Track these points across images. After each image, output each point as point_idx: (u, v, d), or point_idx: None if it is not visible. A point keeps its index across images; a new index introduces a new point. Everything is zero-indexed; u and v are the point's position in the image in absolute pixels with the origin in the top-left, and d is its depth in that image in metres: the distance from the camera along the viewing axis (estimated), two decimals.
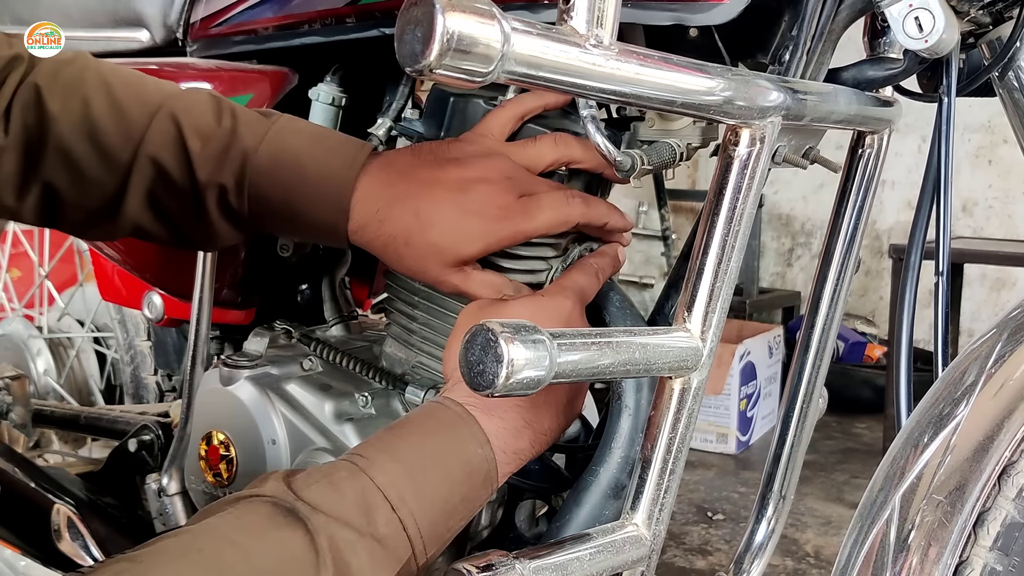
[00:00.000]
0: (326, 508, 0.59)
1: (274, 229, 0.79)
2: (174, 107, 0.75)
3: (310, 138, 0.76)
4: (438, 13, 0.45)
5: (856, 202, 0.84)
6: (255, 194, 0.74)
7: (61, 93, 0.74)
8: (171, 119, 0.74)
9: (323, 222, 0.73)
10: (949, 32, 0.69)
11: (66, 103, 0.74)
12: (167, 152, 0.74)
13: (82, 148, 0.74)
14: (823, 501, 2.45)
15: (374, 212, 0.72)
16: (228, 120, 0.75)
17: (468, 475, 0.66)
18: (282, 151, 0.74)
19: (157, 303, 1.09)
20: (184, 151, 0.74)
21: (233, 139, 0.74)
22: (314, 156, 0.74)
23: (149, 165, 0.74)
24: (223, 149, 0.74)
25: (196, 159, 0.74)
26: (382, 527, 0.60)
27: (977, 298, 3.59)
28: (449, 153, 0.74)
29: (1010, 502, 0.64)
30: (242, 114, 0.76)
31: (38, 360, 1.81)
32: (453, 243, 0.71)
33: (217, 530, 0.56)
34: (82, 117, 0.74)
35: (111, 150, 0.74)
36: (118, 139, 0.74)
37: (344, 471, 0.62)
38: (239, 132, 0.74)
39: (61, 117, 0.73)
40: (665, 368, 0.63)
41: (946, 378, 0.68)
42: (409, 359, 0.90)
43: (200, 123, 0.74)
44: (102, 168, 0.74)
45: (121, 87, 0.76)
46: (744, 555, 0.90)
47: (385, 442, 0.66)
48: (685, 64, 0.58)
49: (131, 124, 0.74)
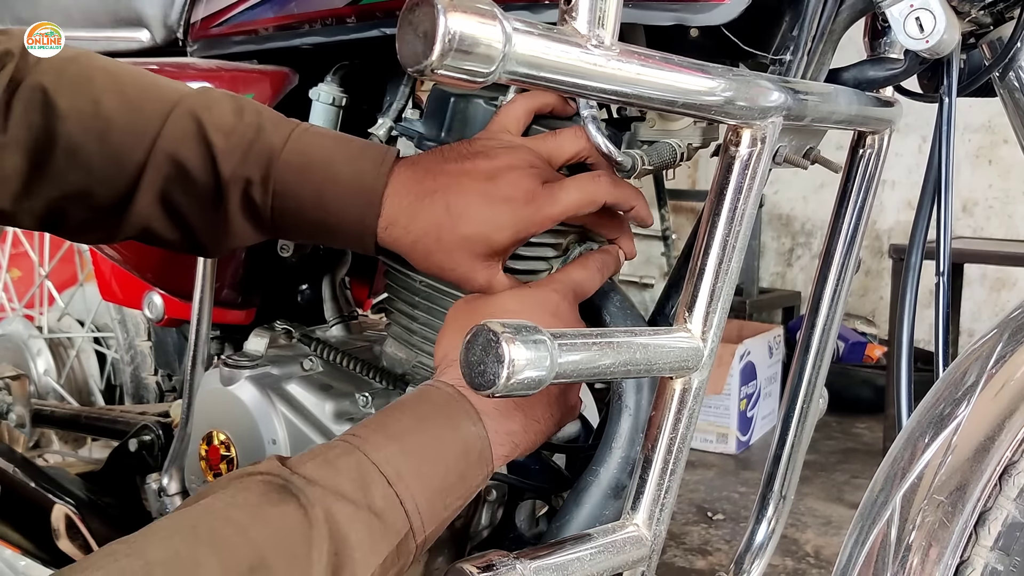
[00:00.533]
0: (322, 482, 0.59)
1: (297, 227, 0.77)
2: (193, 104, 0.74)
3: (336, 139, 0.76)
4: (439, 14, 0.45)
5: (856, 202, 0.84)
6: (282, 190, 0.73)
7: (69, 90, 0.73)
8: (191, 115, 0.74)
9: (353, 220, 0.73)
10: (950, 32, 0.69)
11: (75, 100, 0.73)
12: (187, 148, 0.73)
13: (92, 147, 0.73)
14: (823, 501, 2.45)
15: (404, 208, 0.72)
16: (252, 116, 0.75)
17: (463, 452, 0.66)
18: (312, 147, 0.74)
19: (157, 303, 1.09)
20: (207, 146, 0.73)
21: (258, 134, 0.74)
22: (346, 154, 0.74)
23: (166, 162, 0.74)
24: (248, 144, 0.73)
25: (220, 153, 0.73)
26: (379, 501, 0.60)
27: (977, 298, 3.59)
28: (474, 148, 0.74)
29: (1011, 502, 0.64)
30: (265, 111, 0.76)
31: (38, 360, 1.81)
32: (484, 233, 0.71)
33: (211, 507, 0.56)
34: (93, 115, 0.73)
35: (123, 148, 0.73)
36: (131, 137, 0.73)
37: (339, 449, 0.62)
38: (264, 128, 0.74)
39: (70, 115, 0.73)
40: (666, 368, 0.63)
41: (947, 378, 0.68)
42: (409, 359, 0.90)
43: (222, 119, 0.74)
44: (113, 167, 0.74)
45: (133, 84, 0.75)
46: (744, 555, 0.90)
47: (379, 422, 0.66)
48: (686, 64, 0.58)
49: (145, 121, 0.74)
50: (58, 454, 1.74)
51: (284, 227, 0.76)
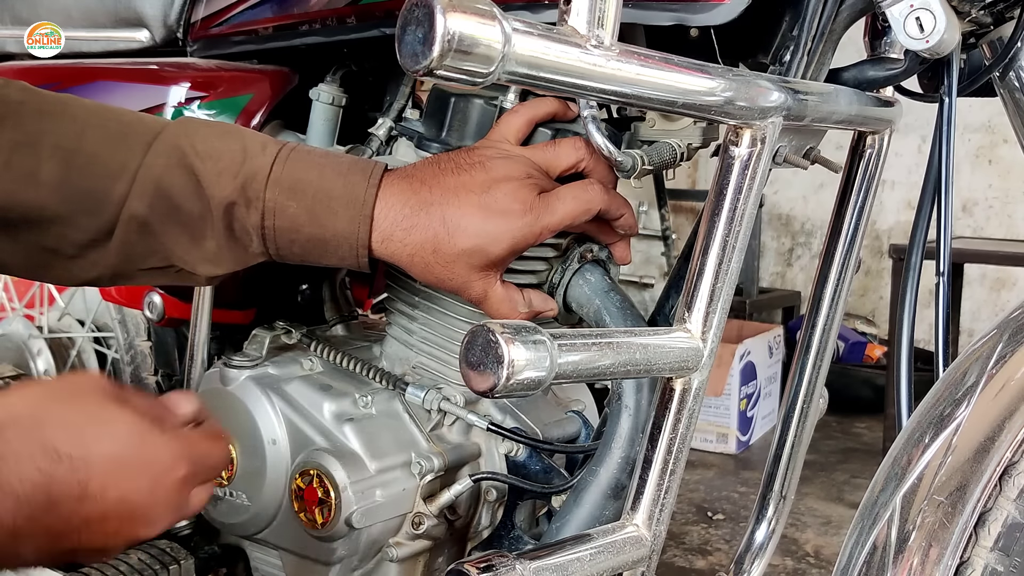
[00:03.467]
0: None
1: (289, 247, 0.75)
2: (175, 132, 0.74)
3: (324, 155, 0.76)
4: (439, 14, 0.45)
5: (857, 202, 0.84)
6: (272, 209, 0.73)
7: (52, 129, 0.73)
8: (173, 143, 0.73)
9: (347, 233, 0.72)
10: (950, 32, 0.69)
11: (58, 139, 0.73)
12: (171, 176, 0.73)
13: (76, 183, 0.73)
14: (823, 501, 2.45)
15: (400, 221, 0.72)
16: (236, 140, 0.74)
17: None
18: (300, 165, 0.73)
19: (157, 303, 1.09)
20: (191, 173, 0.73)
21: (245, 157, 0.73)
22: (335, 169, 0.73)
23: (149, 192, 0.73)
24: (235, 167, 0.73)
25: (205, 178, 0.72)
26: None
27: (977, 298, 3.59)
28: (471, 159, 0.74)
29: (1011, 502, 0.64)
30: (249, 134, 0.76)
31: (38, 360, 1.80)
32: (481, 246, 0.71)
33: None
34: (75, 151, 0.73)
35: (106, 181, 0.73)
36: (112, 170, 0.73)
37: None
38: (250, 150, 0.74)
39: (55, 154, 0.73)
40: (666, 369, 0.63)
41: (947, 378, 0.68)
42: (409, 359, 0.90)
43: (206, 144, 0.73)
44: (95, 201, 0.73)
45: (116, 120, 0.75)
46: (744, 555, 0.90)
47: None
48: (686, 65, 0.58)
49: (127, 152, 0.73)
50: None
51: (276, 248, 0.75)
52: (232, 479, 0.89)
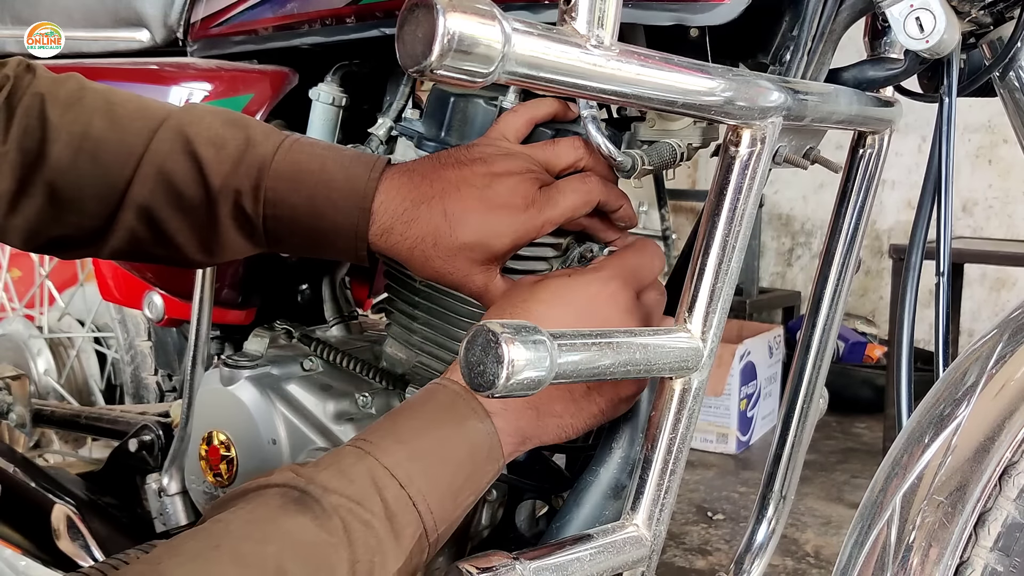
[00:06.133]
0: (337, 490, 0.59)
1: (290, 237, 0.76)
2: (180, 119, 0.75)
3: (326, 147, 0.76)
4: (439, 14, 0.45)
5: (857, 202, 0.84)
6: (274, 199, 0.73)
7: (61, 111, 0.74)
8: (178, 130, 0.74)
9: (346, 224, 0.72)
10: (950, 32, 0.69)
11: (66, 120, 0.74)
12: (175, 162, 0.74)
13: (82, 166, 0.74)
14: (823, 501, 2.45)
15: (400, 214, 0.72)
16: (240, 128, 0.75)
17: (471, 451, 0.66)
18: (303, 155, 0.74)
19: (157, 303, 1.09)
20: (195, 159, 0.73)
21: (248, 145, 0.74)
22: (337, 161, 0.74)
23: (153, 178, 0.74)
24: (238, 155, 0.73)
25: (208, 165, 0.73)
26: (392, 504, 0.60)
27: (977, 298, 3.59)
28: (472, 154, 0.74)
29: (1011, 502, 0.64)
30: (253, 123, 0.76)
31: (38, 360, 1.81)
32: (483, 239, 0.71)
33: (231, 524, 0.56)
34: (82, 135, 0.74)
35: (111, 166, 0.74)
36: (119, 155, 0.74)
37: (351, 457, 0.62)
38: (253, 139, 0.74)
39: (60, 135, 0.73)
40: (666, 369, 0.63)
41: (947, 378, 0.68)
42: (409, 359, 0.90)
43: (210, 132, 0.74)
44: (101, 185, 0.74)
45: (122, 104, 0.76)
46: (744, 555, 0.90)
47: (387, 427, 0.66)
48: (686, 65, 0.58)
49: (133, 138, 0.74)
50: (58, 454, 1.74)
51: (277, 238, 0.76)
52: (232, 479, 0.89)
